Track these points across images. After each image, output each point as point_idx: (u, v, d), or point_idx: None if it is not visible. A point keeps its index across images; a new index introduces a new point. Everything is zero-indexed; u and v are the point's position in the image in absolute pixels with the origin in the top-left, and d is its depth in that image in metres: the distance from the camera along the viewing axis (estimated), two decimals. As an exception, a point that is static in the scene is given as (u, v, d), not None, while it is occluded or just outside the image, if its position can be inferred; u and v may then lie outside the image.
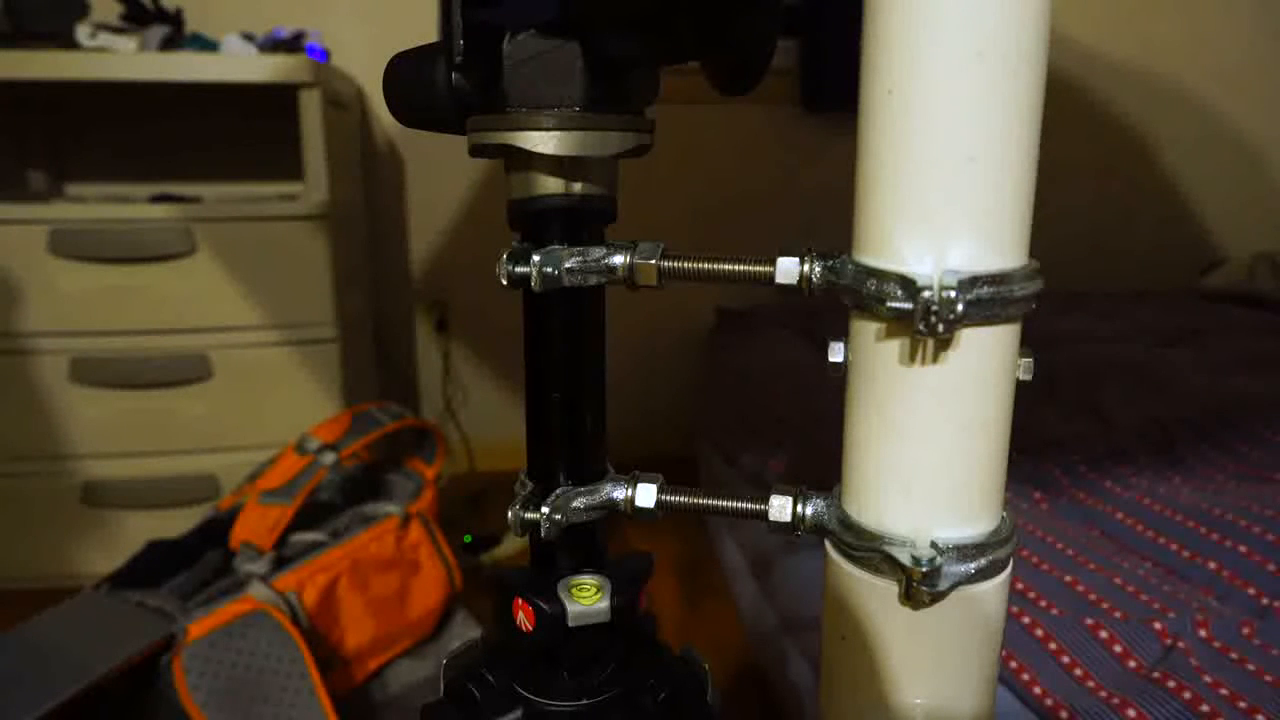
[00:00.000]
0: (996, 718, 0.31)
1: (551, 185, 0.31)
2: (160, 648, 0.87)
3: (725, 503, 0.32)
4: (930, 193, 0.25)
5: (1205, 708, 0.58)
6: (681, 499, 0.33)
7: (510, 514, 0.32)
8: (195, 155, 1.79)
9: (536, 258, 0.31)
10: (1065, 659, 0.65)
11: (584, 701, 0.33)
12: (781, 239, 0.29)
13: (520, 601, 0.33)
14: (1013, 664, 0.65)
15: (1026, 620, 0.69)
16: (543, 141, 0.30)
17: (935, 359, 0.26)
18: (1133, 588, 0.74)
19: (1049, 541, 0.82)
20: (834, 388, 0.30)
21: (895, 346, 0.26)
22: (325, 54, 1.55)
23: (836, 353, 0.29)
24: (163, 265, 1.43)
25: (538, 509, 0.32)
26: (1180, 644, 0.65)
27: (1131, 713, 0.59)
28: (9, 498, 1.47)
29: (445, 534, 1.20)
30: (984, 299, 0.25)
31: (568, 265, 0.31)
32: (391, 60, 0.33)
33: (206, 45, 1.48)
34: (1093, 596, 0.72)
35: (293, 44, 1.51)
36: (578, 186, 0.31)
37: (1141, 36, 2.11)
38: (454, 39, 0.29)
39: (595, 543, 0.35)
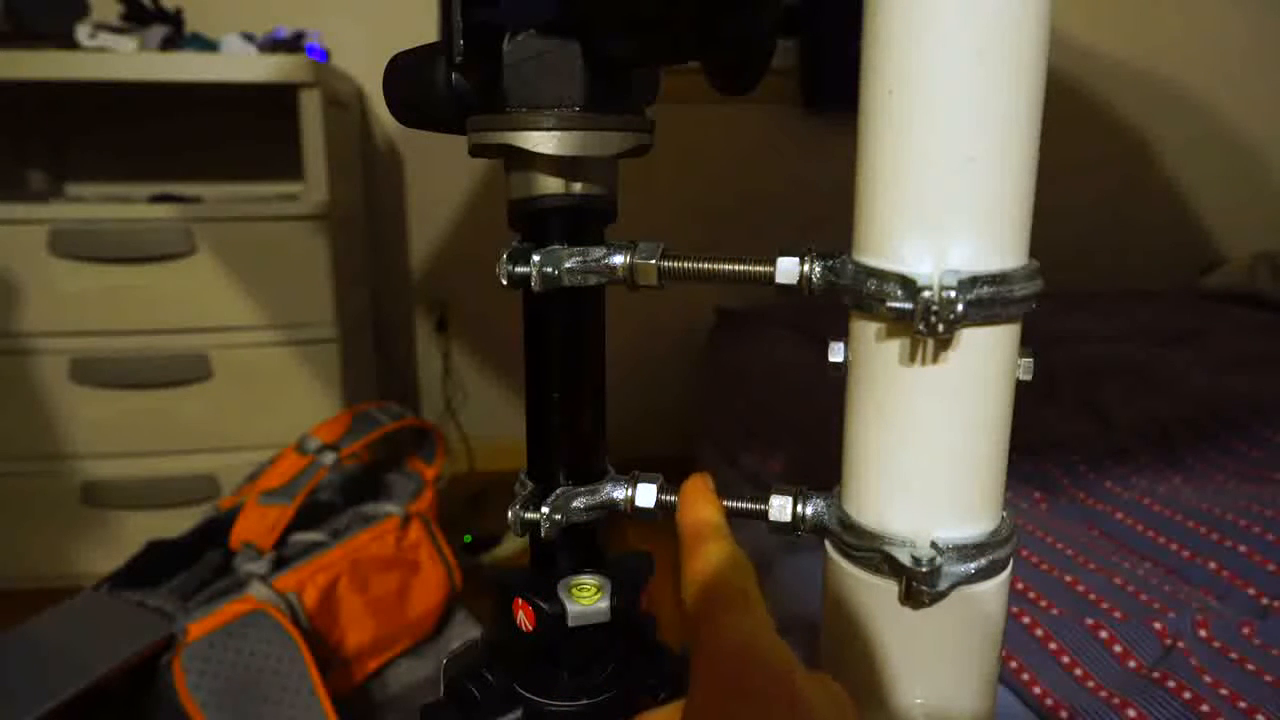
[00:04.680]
0: (997, 718, 0.31)
1: (551, 185, 0.31)
2: (160, 648, 0.87)
3: (725, 503, 0.32)
4: (930, 193, 0.25)
5: (1205, 708, 0.58)
6: (681, 499, 0.33)
7: (510, 514, 0.32)
8: (195, 155, 1.79)
9: (536, 258, 0.31)
10: (1065, 659, 0.65)
11: (584, 701, 0.33)
12: (781, 239, 0.29)
13: (520, 601, 0.33)
14: (1013, 664, 0.65)
15: (1026, 620, 0.69)
16: (543, 141, 0.30)
17: (935, 359, 0.26)
18: (1133, 588, 0.74)
19: (1049, 541, 0.82)
20: (834, 388, 0.30)
21: (895, 346, 0.26)
22: (325, 54, 1.55)
23: (836, 353, 0.29)
24: (163, 265, 1.43)
25: (538, 509, 0.32)
26: (1180, 644, 0.65)
27: (1131, 713, 0.59)
28: (9, 498, 1.47)
29: (445, 534, 1.20)
30: (984, 299, 0.25)
31: (568, 265, 0.31)
32: (391, 60, 0.33)
33: (206, 45, 1.48)
34: (1093, 596, 0.72)
35: (293, 44, 1.51)
36: (578, 186, 0.31)
37: (1141, 36, 2.11)
38: (454, 39, 0.29)
39: (595, 543, 0.35)
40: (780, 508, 0.31)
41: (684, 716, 0.24)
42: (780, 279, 0.29)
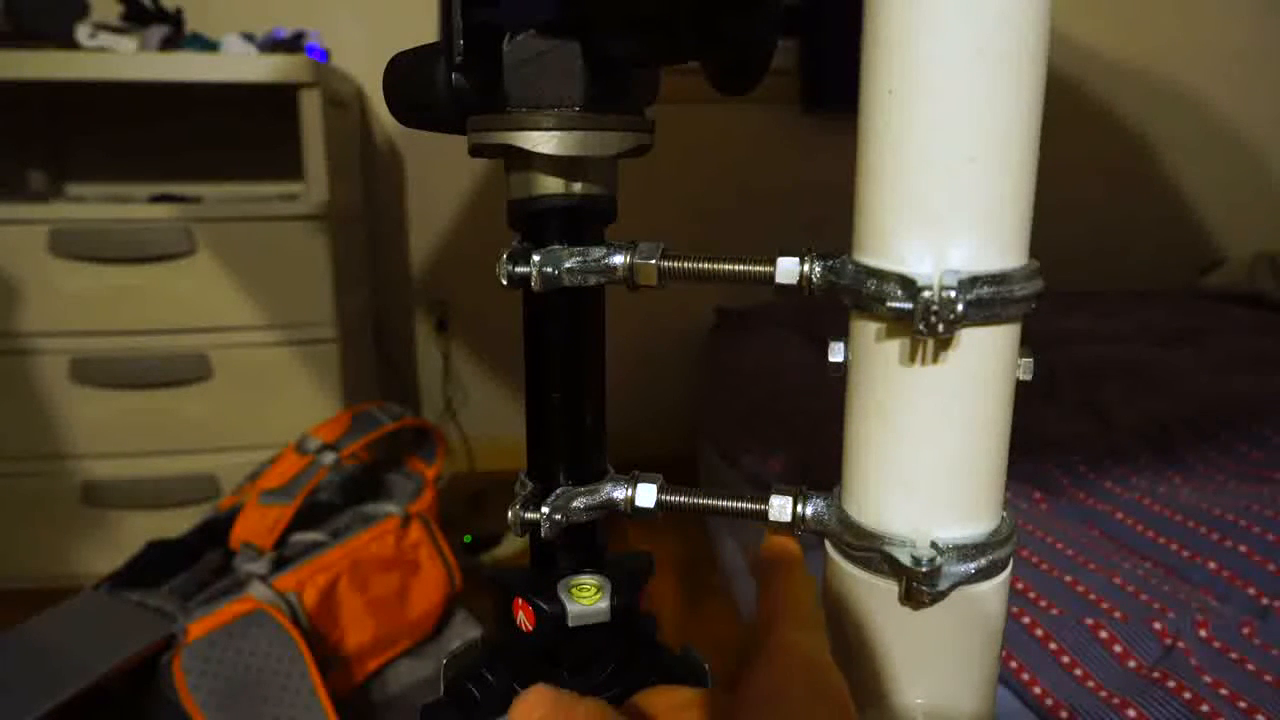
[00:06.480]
0: (997, 718, 0.31)
1: (551, 185, 0.31)
2: (160, 648, 0.87)
3: (725, 503, 0.32)
4: (930, 193, 0.25)
5: (1205, 708, 0.58)
6: (681, 499, 0.33)
7: (510, 514, 0.32)
8: (195, 155, 1.79)
9: (536, 258, 0.31)
10: (1065, 659, 0.65)
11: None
12: (782, 239, 0.29)
13: (520, 601, 0.33)
14: (1013, 664, 0.65)
15: (1026, 620, 0.69)
16: (543, 141, 0.30)
17: (935, 359, 0.26)
18: (1133, 588, 0.74)
19: (1049, 541, 0.82)
20: (834, 388, 0.30)
21: (895, 346, 0.26)
22: (325, 54, 1.55)
23: (836, 353, 0.29)
24: (163, 265, 1.43)
25: (538, 509, 0.32)
26: (1180, 644, 0.65)
27: (1131, 713, 0.59)
28: (9, 498, 1.47)
29: (445, 534, 1.20)
30: (984, 299, 0.25)
31: (568, 265, 0.31)
32: (391, 60, 0.33)
33: (206, 45, 1.48)
34: (1093, 596, 0.72)
35: (293, 44, 1.51)
36: (578, 186, 0.31)
37: (1142, 36, 2.11)
38: (454, 39, 0.29)
39: (595, 543, 0.35)
40: (780, 508, 0.31)
41: (734, 707, 0.25)
42: (780, 279, 0.29)
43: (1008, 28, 0.24)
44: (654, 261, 0.31)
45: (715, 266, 0.30)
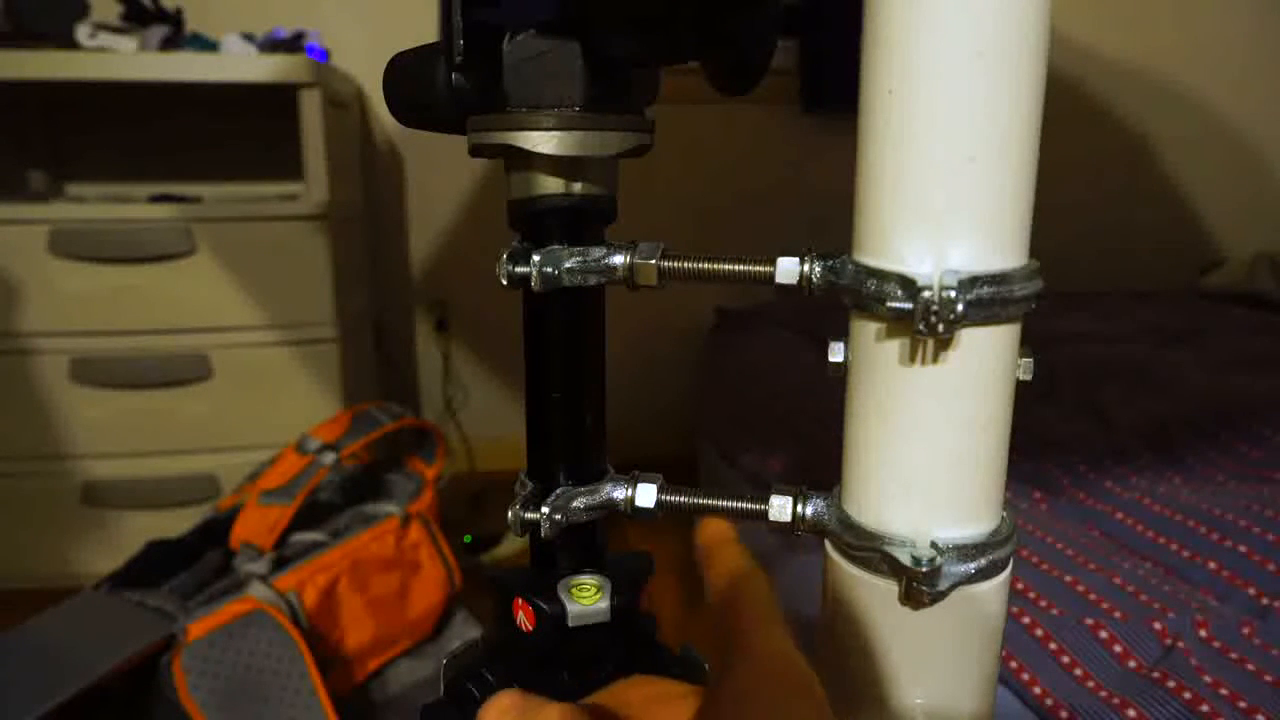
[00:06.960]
0: (996, 718, 0.31)
1: (551, 185, 0.31)
2: (160, 648, 0.87)
3: (725, 503, 0.32)
4: (930, 193, 0.25)
5: (1205, 708, 0.58)
6: (681, 499, 0.33)
7: (510, 514, 0.32)
8: (195, 155, 1.79)
9: (536, 258, 0.31)
10: (1065, 659, 0.65)
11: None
12: (782, 239, 0.29)
13: (520, 601, 0.33)
14: (1013, 664, 0.65)
15: (1026, 620, 0.69)
16: (543, 141, 0.30)
17: (935, 359, 0.26)
18: (1133, 588, 0.74)
19: (1049, 541, 0.82)
20: (834, 388, 0.30)
21: (895, 346, 0.26)
22: (325, 54, 1.55)
23: (836, 353, 0.29)
24: (163, 265, 1.43)
25: (538, 509, 0.32)
26: (1180, 644, 0.65)
27: (1131, 713, 0.59)
28: (9, 498, 1.47)
29: (445, 534, 1.20)
30: (984, 299, 0.25)
31: (567, 265, 0.31)
32: (391, 60, 0.33)
33: (206, 45, 1.48)
34: (1093, 596, 0.72)
35: (293, 44, 1.51)
36: (578, 186, 0.31)
37: (1141, 36, 2.11)
38: (454, 39, 0.29)
39: (595, 543, 0.35)
40: (780, 508, 0.31)
41: (712, 705, 0.25)
42: (780, 279, 0.29)
43: (1008, 28, 0.24)
44: (654, 261, 0.31)
45: (715, 266, 0.30)
